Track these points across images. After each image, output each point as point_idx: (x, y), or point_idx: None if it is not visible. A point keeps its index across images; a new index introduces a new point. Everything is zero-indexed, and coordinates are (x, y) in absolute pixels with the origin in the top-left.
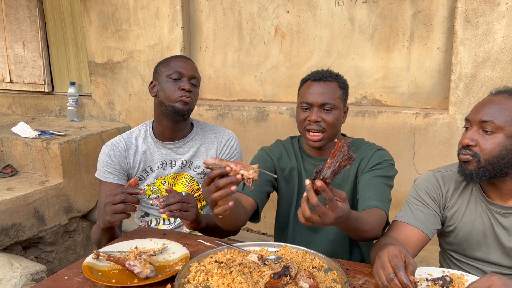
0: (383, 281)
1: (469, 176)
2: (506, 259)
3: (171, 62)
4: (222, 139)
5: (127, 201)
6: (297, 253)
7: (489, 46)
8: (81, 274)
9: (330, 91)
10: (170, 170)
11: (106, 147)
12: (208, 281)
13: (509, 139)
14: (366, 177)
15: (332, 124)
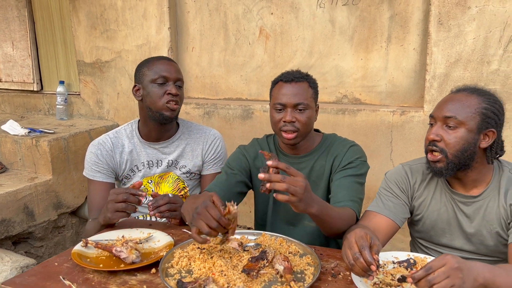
0: (350, 260)
1: (439, 173)
2: (468, 244)
3: (154, 65)
4: (208, 139)
5: (128, 201)
6: (275, 240)
7: (461, 47)
8: (70, 261)
9: (302, 92)
10: (156, 170)
11: (93, 146)
12: (191, 266)
13: (470, 133)
14: (338, 176)
15: (305, 123)
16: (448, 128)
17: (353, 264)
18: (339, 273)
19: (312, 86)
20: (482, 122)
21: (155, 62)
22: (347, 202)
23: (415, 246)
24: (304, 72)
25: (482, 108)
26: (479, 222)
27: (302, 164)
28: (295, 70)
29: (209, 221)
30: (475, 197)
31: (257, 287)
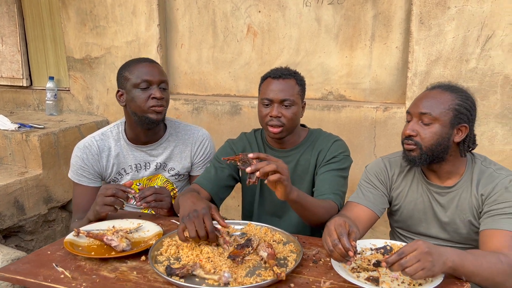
0: (329, 246)
1: (413, 161)
2: (443, 233)
3: (136, 69)
4: (196, 140)
5: (117, 196)
6: (260, 229)
7: (441, 45)
8: (62, 249)
9: (289, 88)
10: (144, 173)
11: (79, 150)
12: (179, 253)
13: (444, 128)
14: (322, 170)
15: (291, 119)
16: (423, 124)
17: (332, 250)
18: (320, 259)
19: (299, 84)
20: (455, 117)
21: (136, 65)
22: (329, 195)
23: (394, 236)
24: (293, 70)
25: (455, 105)
26: (453, 211)
27: (288, 158)
28: (284, 67)
29: (199, 230)
30: (450, 187)
31: (242, 272)
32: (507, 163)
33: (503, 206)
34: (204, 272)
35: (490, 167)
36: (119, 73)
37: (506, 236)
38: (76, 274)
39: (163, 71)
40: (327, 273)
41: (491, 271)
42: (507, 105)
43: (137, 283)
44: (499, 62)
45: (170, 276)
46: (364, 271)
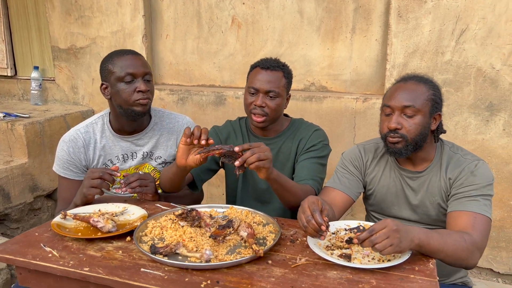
0: (303, 222)
1: (398, 153)
2: (414, 215)
3: (119, 62)
4: (181, 128)
5: (103, 178)
6: (241, 212)
7: (418, 38)
8: (50, 231)
9: (275, 80)
10: (131, 163)
11: (64, 143)
12: (163, 234)
13: (425, 118)
14: (302, 158)
15: (274, 110)
16: (406, 116)
17: (306, 226)
18: (297, 239)
19: (286, 77)
20: (432, 107)
21: (119, 58)
22: (308, 181)
23: (369, 218)
24: (282, 62)
25: (431, 95)
26: (423, 194)
27: (271, 146)
28: (274, 59)
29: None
30: (420, 172)
31: (223, 250)
32: (480, 151)
33: (469, 189)
34: (186, 251)
35: (457, 153)
36: (102, 65)
37: (470, 217)
38: (64, 253)
39: (147, 63)
40: (303, 251)
41: (454, 249)
42: (480, 96)
43: (122, 261)
44: (472, 55)
45: (154, 254)
46: (338, 249)
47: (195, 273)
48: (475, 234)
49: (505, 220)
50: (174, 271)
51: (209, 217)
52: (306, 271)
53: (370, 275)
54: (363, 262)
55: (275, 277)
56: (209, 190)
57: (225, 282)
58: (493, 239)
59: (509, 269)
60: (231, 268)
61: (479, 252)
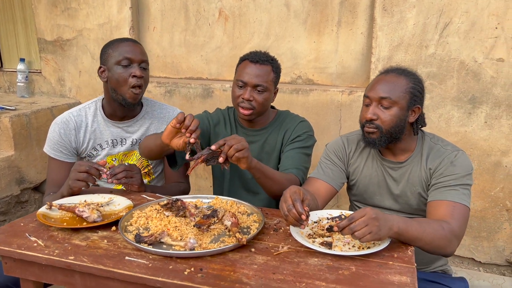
0: (285, 211)
1: (373, 143)
2: (395, 204)
3: (119, 47)
4: (171, 118)
5: (89, 172)
6: (226, 202)
7: (403, 32)
8: (35, 222)
9: (264, 74)
10: (120, 148)
11: (56, 125)
12: (148, 224)
13: (402, 111)
14: (287, 148)
15: (261, 103)
16: (382, 107)
17: (287, 215)
18: (280, 228)
19: (274, 71)
20: (411, 100)
21: (120, 43)
22: (292, 169)
23: (352, 208)
24: (271, 56)
25: (410, 88)
26: (404, 184)
27: (257, 137)
28: (263, 52)
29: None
30: (402, 163)
31: (207, 239)
32: (462, 143)
33: (449, 179)
34: (171, 239)
35: (438, 144)
36: (103, 50)
37: (449, 206)
38: (49, 243)
39: (145, 52)
40: (286, 240)
41: (433, 237)
42: (462, 89)
43: (107, 250)
44: (456, 48)
45: (139, 243)
46: (320, 237)
47: (179, 261)
48: (453, 222)
49: (486, 211)
50: (158, 259)
51: (194, 207)
52: (288, 259)
53: (350, 262)
54: (344, 249)
55: (258, 264)
56: (197, 182)
57: (209, 269)
58: (475, 229)
59: (490, 258)
60: (214, 256)
61: (457, 240)
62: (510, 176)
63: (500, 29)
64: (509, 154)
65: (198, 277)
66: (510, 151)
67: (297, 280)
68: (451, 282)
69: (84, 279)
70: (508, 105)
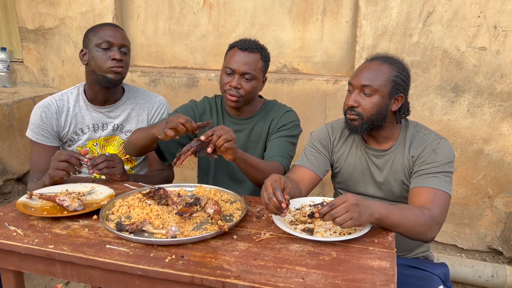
0: (265, 199)
1: (354, 130)
2: (379, 192)
3: (100, 31)
4: (154, 105)
5: (69, 161)
6: (210, 191)
7: (387, 20)
8: (15, 211)
9: (252, 62)
10: (101, 133)
11: (38, 108)
12: (130, 213)
13: (383, 99)
14: (273, 137)
15: (249, 92)
16: (364, 95)
17: (267, 203)
18: (263, 215)
19: (263, 59)
20: (393, 88)
21: (101, 27)
22: (277, 157)
23: (336, 196)
24: (261, 44)
25: (393, 76)
26: (387, 172)
27: (244, 126)
28: (253, 40)
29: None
30: (385, 150)
31: (189, 227)
32: (445, 131)
33: (430, 166)
34: (153, 228)
35: (421, 132)
36: (85, 34)
37: (431, 192)
38: (29, 232)
39: (127, 37)
40: (268, 227)
41: (413, 223)
42: (445, 77)
43: (88, 238)
44: (439, 37)
45: (120, 231)
46: (301, 224)
47: (160, 249)
48: (434, 209)
49: (468, 198)
50: (139, 247)
51: (176, 195)
52: (270, 245)
53: (331, 248)
54: (325, 235)
55: (239, 251)
56: (183, 172)
57: (190, 256)
58: (457, 216)
59: (472, 245)
60: (196, 243)
61: (437, 226)
62: (491, 164)
63: (482, 18)
64: (490, 142)
65: (179, 264)
66: (492, 139)
67: (278, 266)
68: (432, 267)
69: (64, 267)
70: (490, 93)
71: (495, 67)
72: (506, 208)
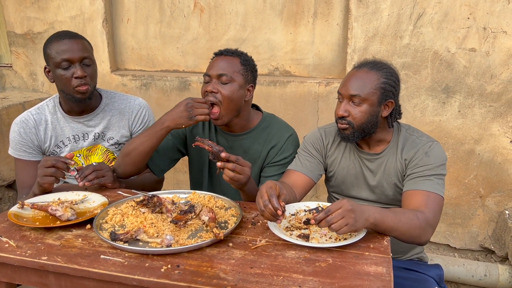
0: (261, 206)
1: (346, 138)
2: (372, 195)
3: (56, 47)
4: (133, 109)
5: (57, 166)
6: (204, 197)
7: (377, 23)
8: (7, 221)
9: (229, 65)
10: (83, 143)
11: (16, 125)
12: (124, 221)
13: (372, 107)
14: (271, 170)
15: (228, 97)
16: (353, 104)
17: (263, 210)
18: (258, 222)
19: (243, 63)
20: (382, 95)
21: (57, 42)
22: None
23: (331, 200)
24: (241, 51)
25: (381, 83)
26: (380, 175)
27: (237, 143)
28: (234, 49)
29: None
30: (378, 154)
31: (184, 235)
32: (437, 133)
33: (423, 169)
34: (147, 236)
35: (413, 135)
36: (43, 49)
37: (424, 195)
38: (21, 243)
39: (86, 46)
40: (264, 233)
41: (408, 227)
42: (436, 79)
43: (82, 249)
44: (429, 38)
45: (114, 241)
46: (297, 230)
47: (155, 258)
48: (428, 212)
49: (461, 198)
50: (134, 257)
51: (170, 203)
52: (266, 252)
53: (327, 254)
54: (321, 241)
55: (235, 259)
56: (176, 176)
57: (186, 265)
58: (450, 216)
59: (465, 244)
60: (192, 252)
61: (431, 229)
62: (483, 164)
63: (472, 19)
64: (481, 143)
65: (175, 274)
66: (483, 139)
67: (275, 273)
68: (426, 269)
69: (58, 279)
70: (480, 94)
71: (485, 68)
72: (497, 207)
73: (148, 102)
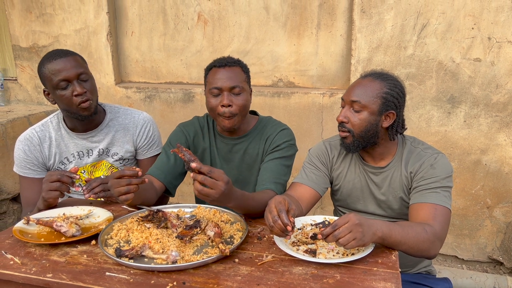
0: (270, 222)
1: (348, 148)
2: (379, 209)
3: (50, 68)
4: (138, 124)
5: (62, 180)
6: (209, 211)
7: (381, 33)
8: (12, 238)
9: (236, 75)
10: (87, 160)
11: (20, 143)
12: (129, 236)
13: (372, 115)
14: (266, 159)
15: (242, 106)
16: (354, 110)
17: (272, 226)
18: (264, 236)
19: (244, 71)
20: (383, 105)
21: (50, 63)
22: (270, 184)
23: (337, 213)
24: (235, 58)
25: (383, 93)
26: (386, 189)
27: (237, 146)
28: (227, 56)
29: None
30: (383, 168)
31: (190, 251)
32: (443, 143)
33: (429, 182)
34: (153, 253)
35: (418, 147)
36: (38, 73)
37: (431, 208)
38: (26, 260)
39: (79, 61)
40: (270, 248)
41: (416, 240)
42: (441, 89)
43: (87, 265)
44: (434, 49)
45: (120, 257)
46: (304, 245)
47: (161, 275)
48: (435, 225)
49: (467, 209)
50: (140, 273)
51: (175, 217)
52: (272, 268)
53: (334, 270)
54: (328, 256)
55: (242, 276)
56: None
57: (192, 283)
58: (457, 227)
59: (473, 255)
60: (197, 268)
61: (439, 242)
62: (489, 174)
63: (476, 30)
64: (488, 153)
65: None
66: (489, 149)
67: None
68: (435, 283)
69: None
70: (486, 104)
71: (490, 78)
72: (505, 218)
73: (152, 114)
